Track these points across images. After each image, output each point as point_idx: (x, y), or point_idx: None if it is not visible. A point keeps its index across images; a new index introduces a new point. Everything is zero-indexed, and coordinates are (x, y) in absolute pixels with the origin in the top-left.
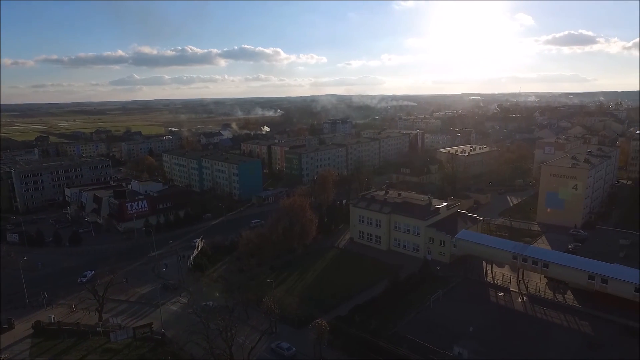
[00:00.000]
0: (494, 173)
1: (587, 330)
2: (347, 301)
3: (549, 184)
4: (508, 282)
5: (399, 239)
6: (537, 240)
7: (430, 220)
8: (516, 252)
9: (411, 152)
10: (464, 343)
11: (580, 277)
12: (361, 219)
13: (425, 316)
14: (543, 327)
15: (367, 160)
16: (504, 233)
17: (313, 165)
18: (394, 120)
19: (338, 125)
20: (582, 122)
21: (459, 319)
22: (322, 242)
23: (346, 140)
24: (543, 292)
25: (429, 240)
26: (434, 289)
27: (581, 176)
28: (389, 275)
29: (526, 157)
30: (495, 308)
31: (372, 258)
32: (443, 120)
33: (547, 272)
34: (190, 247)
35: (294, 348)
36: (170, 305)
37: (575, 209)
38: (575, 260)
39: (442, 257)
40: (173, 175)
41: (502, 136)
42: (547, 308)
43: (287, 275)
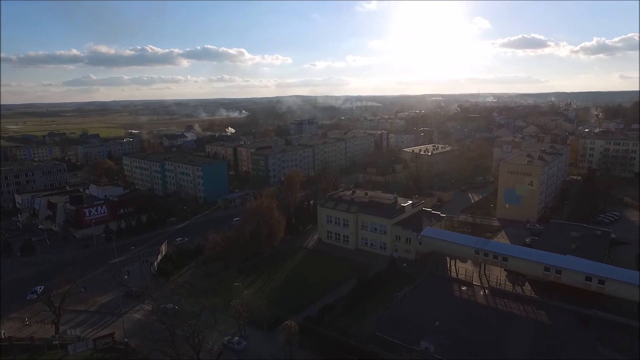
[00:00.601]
0: (456, 171)
1: (544, 319)
2: (317, 301)
3: (506, 181)
4: (471, 276)
5: (366, 237)
6: (497, 235)
7: (396, 218)
8: (478, 247)
9: (377, 151)
10: (430, 338)
11: (537, 269)
12: (329, 219)
13: (393, 313)
14: (504, 318)
15: (334, 161)
16: (466, 229)
17: (280, 167)
18: (360, 120)
19: (304, 126)
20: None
21: (425, 314)
22: (290, 243)
23: (313, 140)
24: (503, 285)
25: (396, 238)
26: (401, 286)
27: (536, 173)
28: (357, 274)
29: (486, 156)
30: (460, 302)
31: (341, 257)
32: (407, 120)
33: (506, 265)
34: (154, 253)
35: (244, 342)
36: (134, 313)
37: (531, 204)
38: (532, 253)
39: (409, 255)
40: (134, 179)
41: (463, 135)
42: (507, 300)
43: (255, 278)
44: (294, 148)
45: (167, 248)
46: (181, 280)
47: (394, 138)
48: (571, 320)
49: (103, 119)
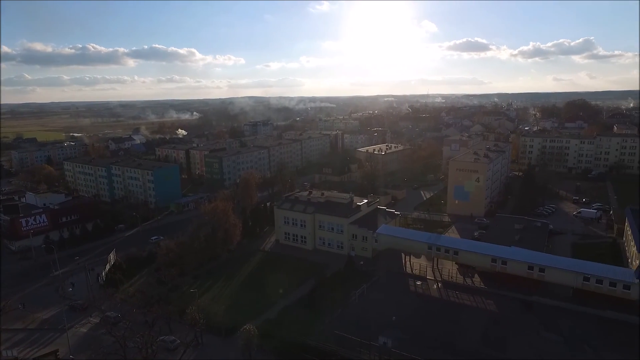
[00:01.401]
0: (408, 170)
1: (492, 308)
2: (276, 304)
3: (455, 178)
4: (425, 271)
5: (323, 237)
6: (448, 230)
7: (352, 217)
8: (430, 243)
9: (332, 152)
10: (388, 332)
11: (485, 261)
12: (286, 220)
13: (351, 311)
14: (456, 309)
15: (290, 162)
16: (419, 225)
17: (235, 169)
18: (315, 121)
19: (259, 127)
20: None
21: (382, 310)
22: (247, 247)
23: (268, 142)
24: (455, 277)
25: (352, 237)
26: (359, 284)
27: (482, 170)
28: (316, 274)
29: (436, 154)
30: (415, 296)
31: (299, 258)
32: (361, 120)
33: (457, 258)
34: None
35: (177, 340)
36: (80, 327)
37: (478, 200)
38: (480, 246)
39: (365, 253)
40: (78, 186)
41: (414, 135)
42: (459, 291)
43: (212, 283)
44: (249, 150)
45: (115, 257)
46: (132, 290)
47: (349, 138)
48: (516, 307)
49: (40, 122)
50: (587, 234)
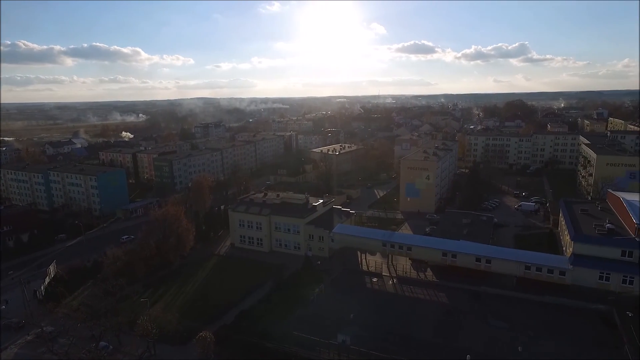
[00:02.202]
0: (362, 169)
1: (444, 300)
2: (233, 308)
3: (407, 176)
4: (380, 267)
5: (280, 239)
6: (401, 227)
7: (308, 218)
8: (385, 240)
9: (287, 153)
10: (346, 330)
11: (436, 255)
12: (241, 223)
13: (310, 311)
14: (410, 303)
15: (244, 164)
16: (374, 223)
17: (186, 172)
18: (268, 122)
19: (211, 129)
20: (429, 120)
21: (340, 308)
22: (201, 251)
23: (221, 144)
24: (409, 273)
25: (309, 237)
26: (317, 284)
27: (432, 167)
28: (273, 276)
29: (388, 153)
30: (371, 293)
31: (255, 261)
32: (314, 121)
33: (410, 254)
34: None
35: (111, 346)
36: (15, 348)
37: (428, 197)
38: (432, 241)
39: (322, 252)
40: (10, 194)
41: (366, 135)
42: (413, 286)
43: (164, 291)
44: (200, 152)
45: (56, 269)
46: (76, 303)
47: (303, 139)
48: (466, 297)
49: None
50: (527, 225)
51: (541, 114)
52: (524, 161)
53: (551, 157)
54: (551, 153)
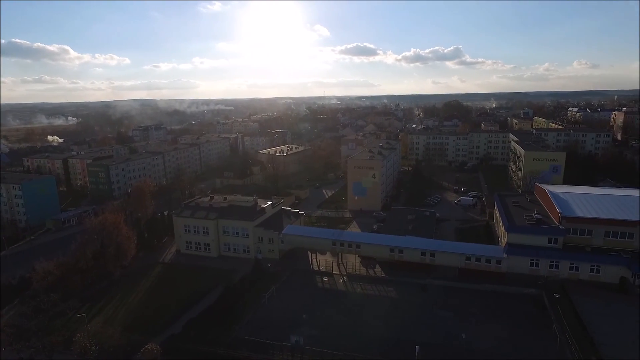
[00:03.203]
0: (310, 169)
1: (393, 294)
2: (181, 317)
3: (354, 175)
4: (330, 266)
5: (228, 243)
6: (349, 226)
7: (257, 220)
8: (334, 239)
9: (233, 155)
10: (299, 331)
11: (384, 252)
12: (187, 228)
13: (262, 314)
14: (361, 300)
15: (188, 167)
16: (323, 223)
17: (125, 177)
18: (212, 124)
19: (151, 132)
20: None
21: (293, 309)
22: (144, 260)
23: (162, 147)
24: (358, 270)
25: (259, 239)
26: (268, 286)
27: (377, 166)
28: (223, 281)
29: (335, 153)
30: (322, 292)
31: (203, 267)
32: (260, 123)
33: (359, 251)
34: None
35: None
36: None
37: (375, 195)
38: (379, 237)
39: (272, 254)
40: None
41: (313, 136)
42: (363, 283)
43: (104, 304)
44: (140, 156)
45: None
46: (1, 324)
47: (249, 141)
48: (413, 291)
49: None
50: (466, 219)
51: (475, 113)
52: (461, 158)
53: (485, 153)
54: (485, 150)
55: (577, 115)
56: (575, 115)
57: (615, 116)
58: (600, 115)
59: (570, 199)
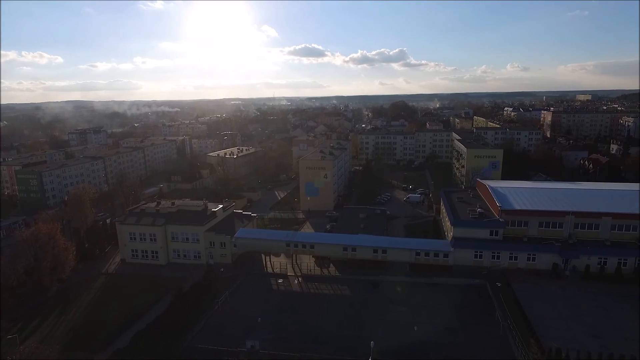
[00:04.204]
0: (261, 171)
1: (347, 292)
2: (128, 330)
3: (306, 176)
4: (285, 268)
5: (178, 249)
6: (303, 226)
7: (208, 224)
8: (288, 240)
9: (180, 158)
10: (255, 335)
11: (338, 251)
12: (132, 236)
13: (215, 320)
14: (316, 300)
15: (132, 172)
16: (276, 225)
17: (61, 184)
18: (157, 127)
19: (89, 135)
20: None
21: (247, 313)
22: (85, 272)
23: (102, 151)
24: (313, 270)
25: (210, 244)
26: (221, 292)
27: (329, 166)
28: (172, 289)
29: (286, 154)
30: (277, 294)
31: (151, 276)
32: (209, 125)
33: (314, 252)
34: None
35: None
36: None
37: (327, 195)
38: (333, 237)
39: (225, 259)
40: None
41: (264, 137)
42: (318, 283)
43: (40, 322)
44: (78, 161)
45: None
46: None
47: (197, 143)
48: (367, 288)
49: None
50: (414, 215)
51: (421, 113)
52: (409, 157)
53: (431, 152)
54: (431, 149)
55: (512, 114)
56: (510, 115)
57: (544, 115)
58: (532, 115)
59: (508, 193)
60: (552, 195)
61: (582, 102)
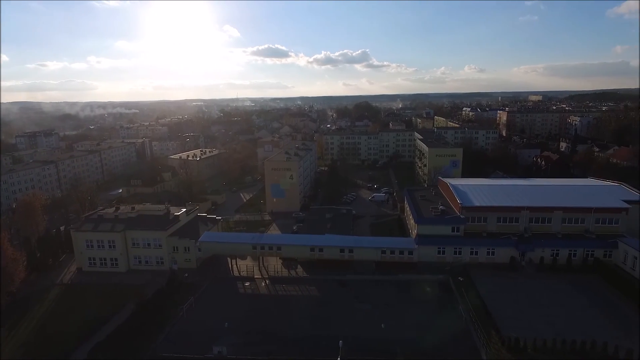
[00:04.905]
0: (226, 173)
1: (315, 293)
2: (84, 343)
3: (271, 177)
4: (252, 271)
5: (139, 255)
6: (269, 228)
7: (171, 229)
8: (254, 243)
9: (140, 161)
10: (222, 340)
11: (305, 252)
12: (89, 243)
13: (180, 327)
14: (284, 302)
15: (88, 176)
16: (242, 227)
17: (8, 191)
18: (115, 129)
19: (40, 138)
20: (288, 122)
21: (214, 319)
22: (38, 283)
23: (55, 155)
24: (280, 272)
25: (173, 249)
26: (186, 298)
27: (294, 167)
28: (134, 298)
29: (251, 156)
30: (245, 298)
31: (110, 284)
32: (170, 126)
33: (281, 253)
34: None
35: None
36: None
37: (293, 196)
38: (300, 238)
39: (189, 264)
40: None
41: (228, 138)
42: (285, 284)
43: None
44: (27, 166)
45: None
46: None
47: (158, 146)
48: (334, 287)
49: None
50: (380, 214)
51: (384, 113)
52: (373, 156)
53: (395, 151)
54: (394, 148)
55: (470, 114)
56: (468, 115)
57: (500, 115)
58: (489, 115)
59: (468, 191)
60: (508, 192)
61: (534, 102)
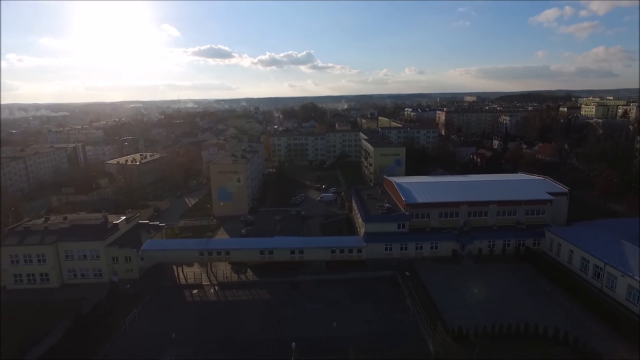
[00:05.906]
0: (169, 178)
1: (266, 296)
2: None
3: (218, 180)
4: (199, 277)
5: (74, 268)
6: (217, 233)
7: (109, 238)
8: (201, 248)
9: (73, 168)
10: (169, 352)
11: (254, 255)
12: (14, 259)
13: (123, 342)
14: (234, 307)
15: (11, 185)
16: (188, 233)
17: None
18: (42, 133)
19: None
20: (234, 124)
21: (160, 330)
22: None
23: None
24: (229, 277)
25: (113, 260)
26: (128, 310)
27: (241, 170)
28: (69, 314)
29: (196, 159)
30: (193, 306)
31: (41, 302)
32: (105, 130)
33: (229, 258)
34: None
35: None
36: None
37: (241, 199)
38: (249, 241)
39: (131, 274)
40: None
41: (170, 142)
42: (235, 289)
43: None
44: None
45: None
46: None
47: (93, 150)
48: (285, 289)
49: None
50: (328, 214)
51: (330, 114)
52: (320, 157)
53: (341, 152)
54: (341, 149)
55: (412, 114)
56: (410, 115)
57: (439, 115)
58: (429, 115)
59: (412, 188)
60: (448, 188)
61: (469, 103)
